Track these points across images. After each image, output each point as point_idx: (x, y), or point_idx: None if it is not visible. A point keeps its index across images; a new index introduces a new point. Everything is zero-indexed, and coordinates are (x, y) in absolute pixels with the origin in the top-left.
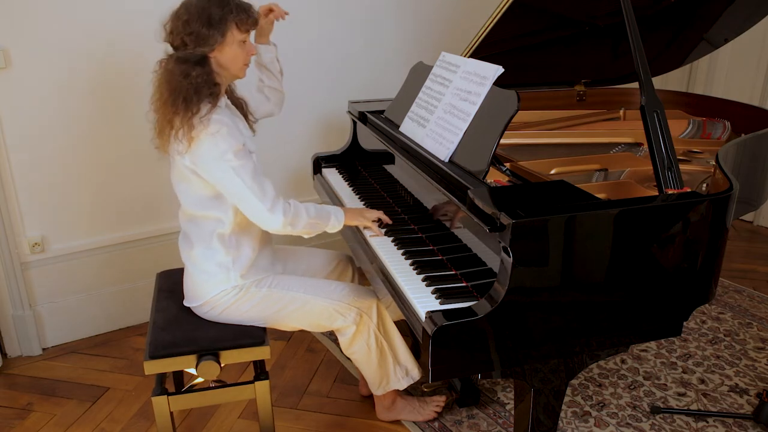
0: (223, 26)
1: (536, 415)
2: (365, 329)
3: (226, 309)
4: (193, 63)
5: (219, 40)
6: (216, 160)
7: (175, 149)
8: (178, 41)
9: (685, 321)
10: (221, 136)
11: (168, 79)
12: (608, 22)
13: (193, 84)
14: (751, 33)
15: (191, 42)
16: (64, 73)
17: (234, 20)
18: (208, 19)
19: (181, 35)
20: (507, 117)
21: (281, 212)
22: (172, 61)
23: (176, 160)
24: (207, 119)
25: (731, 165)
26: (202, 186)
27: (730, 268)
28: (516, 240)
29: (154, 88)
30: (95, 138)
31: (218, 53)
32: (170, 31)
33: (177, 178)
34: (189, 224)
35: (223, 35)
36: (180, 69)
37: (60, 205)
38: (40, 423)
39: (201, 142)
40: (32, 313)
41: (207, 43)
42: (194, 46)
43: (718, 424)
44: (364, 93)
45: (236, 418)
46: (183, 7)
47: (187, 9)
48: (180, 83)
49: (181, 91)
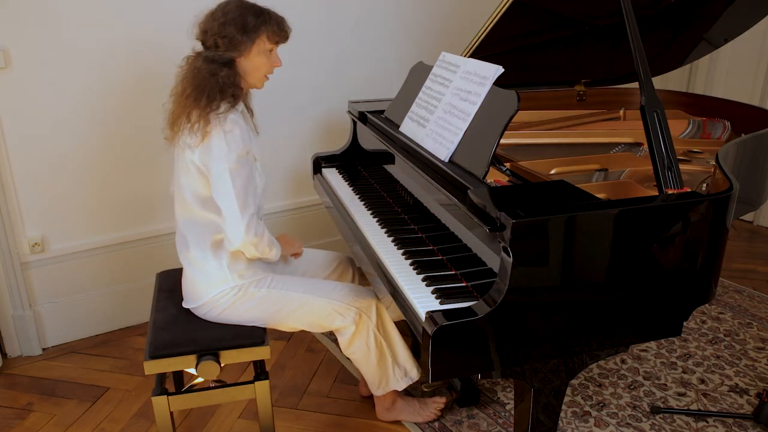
0: (254, 34)
1: (536, 415)
2: (364, 329)
3: (225, 310)
4: (221, 64)
5: (248, 46)
6: (219, 158)
7: (185, 142)
8: (211, 42)
9: (685, 321)
10: (232, 136)
11: (194, 75)
12: (608, 22)
13: (219, 83)
14: (751, 33)
15: (223, 45)
16: (64, 74)
17: (266, 31)
18: (243, 25)
19: (215, 37)
20: (507, 117)
21: (253, 231)
22: (200, 59)
23: (185, 155)
24: (224, 117)
25: (731, 165)
26: (205, 185)
27: (730, 268)
28: (516, 240)
29: (178, 81)
30: (95, 138)
31: (245, 59)
32: (204, 30)
33: (182, 171)
34: (187, 224)
35: (253, 42)
36: (208, 68)
37: (60, 205)
38: (40, 423)
39: (213, 137)
40: (32, 313)
41: (237, 48)
42: (225, 49)
43: (718, 424)
44: (364, 93)
45: (236, 418)
46: (220, 10)
47: (225, 13)
48: (207, 80)
49: (207, 88)
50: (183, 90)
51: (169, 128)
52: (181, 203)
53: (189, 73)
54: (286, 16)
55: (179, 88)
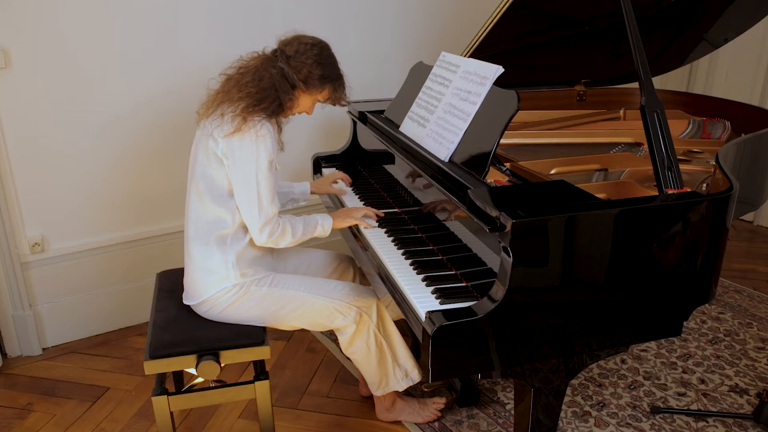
0: (325, 86)
1: (536, 415)
2: (365, 329)
3: (226, 308)
4: (287, 82)
5: (313, 91)
6: (249, 160)
7: (214, 126)
8: (295, 63)
9: (685, 321)
10: (264, 141)
11: (263, 76)
12: (608, 22)
13: (278, 98)
14: (751, 33)
15: (301, 74)
16: (64, 74)
17: (331, 87)
18: (326, 74)
19: (300, 63)
20: (507, 117)
21: (267, 233)
22: (277, 67)
23: (207, 143)
24: (261, 122)
25: (731, 165)
26: (221, 177)
27: (730, 268)
28: (516, 240)
29: (239, 68)
30: (95, 138)
31: (302, 94)
32: (296, 51)
33: (201, 157)
34: (194, 217)
35: (319, 91)
36: (278, 80)
37: (60, 205)
38: (40, 423)
39: (245, 137)
40: (32, 313)
41: (307, 84)
42: (299, 78)
43: (718, 424)
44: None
45: (236, 418)
46: (319, 48)
47: (320, 52)
48: (270, 88)
49: (264, 89)
50: (244, 81)
51: (206, 106)
52: (193, 192)
53: (260, 68)
54: (286, 16)
55: (242, 78)
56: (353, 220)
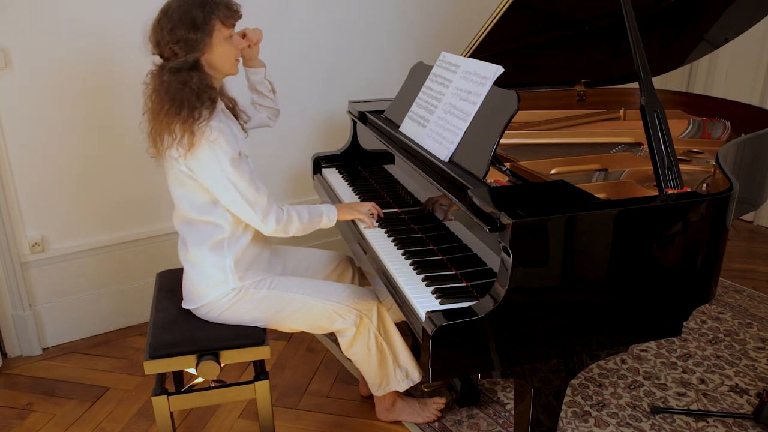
0: (208, 26)
1: (536, 415)
2: (365, 331)
3: (225, 311)
4: (188, 70)
5: (207, 41)
6: (213, 169)
7: (170, 155)
8: (168, 52)
9: (685, 321)
10: (219, 144)
11: (166, 89)
12: (608, 22)
13: (194, 90)
14: (751, 33)
15: (181, 50)
16: (64, 74)
17: (218, 18)
18: (192, 22)
19: (170, 45)
20: (507, 117)
21: (274, 220)
22: (165, 72)
23: (173, 166)
24: (207, 126)
25: (731, 165)
26: (200, 192)
27: (730, 268)
28: (516, 240)
29: (147, 98)
30: (95, 138)
31: (209, 55)
32: (156, 43)
33: (174, 183)
34: (186, 228)
35: (210, 35)
36: (177, 78)
37: (60, 205)
38: (40, 423)
39: (200, 149)
40: (32, 313)
41: (197, 47)
42: (185, 53)
43: (718, 424)
44: (364, 93)
45: (236, 418)
46: (163, 15)
47: (169, 17)
48: (180, 92)
49: (183, 100)
50: (160, 107)
51: (152, 146)
52: (178, 212)
53: (159, 88)
54: (286, 16)
55: (154, 106)
56: (358, 214)
